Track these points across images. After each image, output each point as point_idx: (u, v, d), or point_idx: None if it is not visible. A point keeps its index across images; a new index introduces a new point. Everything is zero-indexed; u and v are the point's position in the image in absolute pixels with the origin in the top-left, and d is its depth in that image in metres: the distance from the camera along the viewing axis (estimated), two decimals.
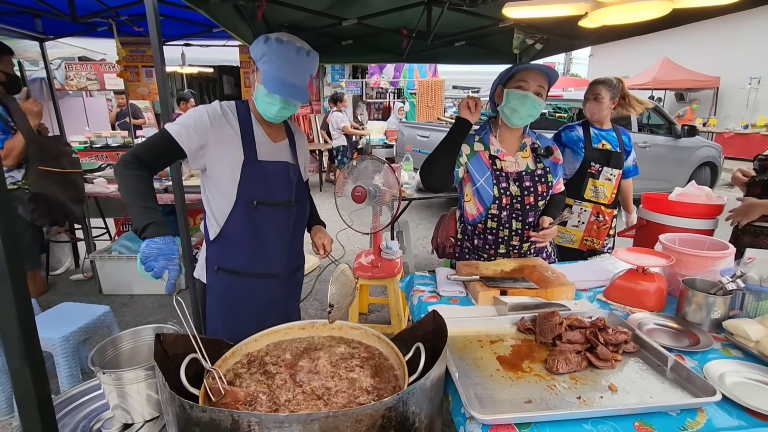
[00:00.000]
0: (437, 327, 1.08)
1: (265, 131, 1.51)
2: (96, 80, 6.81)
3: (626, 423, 0.91)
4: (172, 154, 1.37)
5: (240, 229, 1.48)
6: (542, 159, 1.83)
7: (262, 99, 1.41)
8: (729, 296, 1.30)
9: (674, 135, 6.41)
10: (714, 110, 13.85)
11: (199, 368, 0.97)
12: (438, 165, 1.76)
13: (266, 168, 1.47)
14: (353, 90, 10.92)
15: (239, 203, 1.45)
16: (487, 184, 1.76)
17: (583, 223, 2.62)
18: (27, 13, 3.74)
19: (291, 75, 1.34)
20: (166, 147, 1.35)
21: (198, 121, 1.37)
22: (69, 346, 2.12)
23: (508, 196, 1.75)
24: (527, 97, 1.66)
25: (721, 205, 2.49)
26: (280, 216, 1.54)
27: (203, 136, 1.37)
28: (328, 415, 0.77)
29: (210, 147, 1.40)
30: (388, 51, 4.07)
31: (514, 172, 1.77)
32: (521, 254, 1.86)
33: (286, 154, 1.56)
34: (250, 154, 1.44)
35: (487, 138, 1.82)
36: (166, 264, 1.13)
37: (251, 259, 1.52)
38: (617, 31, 2.78)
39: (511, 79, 1.72)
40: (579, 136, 2.59)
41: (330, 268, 4.24)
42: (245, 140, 1.44)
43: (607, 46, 14.16)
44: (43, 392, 0.85)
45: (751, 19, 11.20)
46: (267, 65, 1.34)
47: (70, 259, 4.24)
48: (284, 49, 1.33)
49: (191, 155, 1.38)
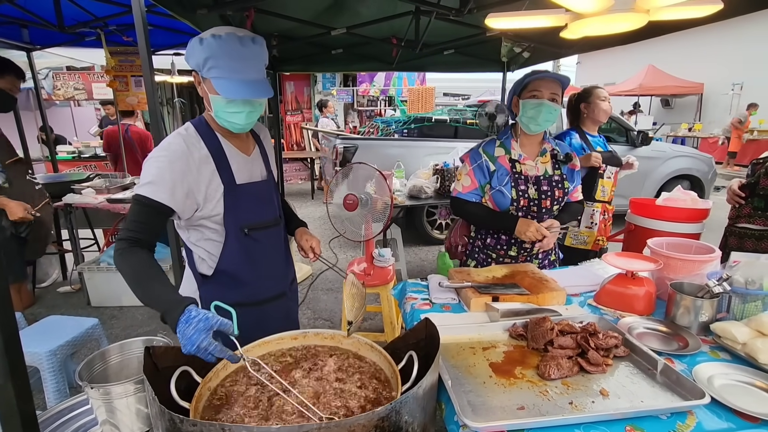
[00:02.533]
0: (430, 335, 1.08)
1: (235, 146, 1.34)
2: (84, 90, 6.75)
3: (618, 427, 0.91)
4: (160, 217, 1.19)
5: (237, 261, 1.35)
6: (561, 165, 1.88)
7: (222, 111, 1.22)
8: (716, 299, 1.32)
9: (630, 143, 5.44)
10: (699, 116, 14.15)
11: (189, 381, 0.96)
12: (471, 220, 2.00)
13: (247, 191, 1.33)
14: (344, 98, 10.96)
15: (230, 235, 1.32)
16: (506, 188, 1.81)
17: (595, 223, 2.72)
18: (14, 23, 3.71)
19: (246, 71, 1.17)
20: (150, 213, 1.17)
21: (169, 168, 1.17)
22: (56, 360, 2.08)
23: (526, 198, 1.80)
24: (542, 104, 1.72)
25: (707, 209, 2.53)
26: (272, 235, 1.45)
27: (183, 182, 1.19)
28: (320, 427, 0.76)
29: (195, 189, 1.22)
30: (378, 60, 4.11)
31: (533, 176, 1.82)
32: (529, 256, 1.91)
33: (260, 166, 1.42)
34: (228, 180, 1.28)
35: (509, 143, 1.87)
36: (206, 354, 0.96)
37: (255, 287, 1.41)
38: (600, 41, 2.85)
39: (524, 90, 1.78)
40: (579, 142, 2.65)
41: (323, 276, 4.22)
42: (220, 166, 1.27)
43: (594, 54, 14.44)
44: (28, 408, 0.83)
45: (733, 26, 11.48)
46: (215, 70, 1.15)
47: (58, 271, 4.17)
48: (227, 45, 1.14)
49: (180, 208, 1.21)
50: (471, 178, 1.88)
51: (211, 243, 1.33)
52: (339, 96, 10.74)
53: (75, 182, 3.76)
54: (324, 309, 3.60)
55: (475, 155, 1.89)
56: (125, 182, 3.96)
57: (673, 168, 5.87)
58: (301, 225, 1.62)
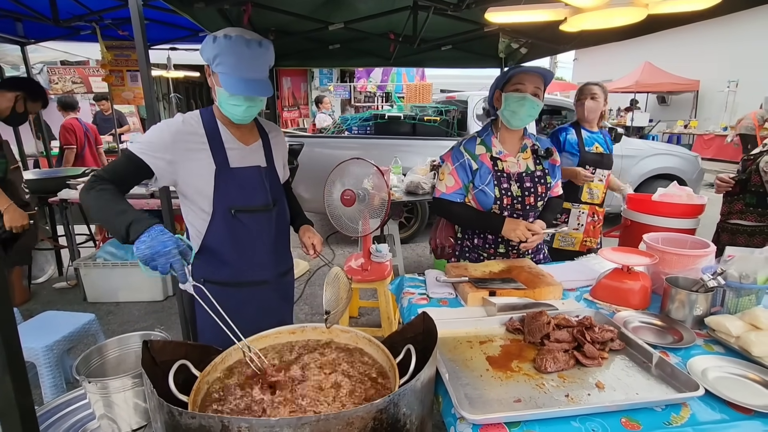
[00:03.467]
0: (427, 329, 1.09)
1: (234, 135, 1.46)
2: (82, 83, 6.68)
3: (613, 419, 0.92)
4: (138, 173, 1.32)
5: (221, 239, 1.45)
6: (542, 160, 1.86)
7: (225, 102, 1.36)
8: (710, 293, 1.33)
9: None
10: (695, 113, 14.21)
11: (188, 375, 0.96)
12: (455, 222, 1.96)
13: (239, 174, 1.43)
14: (341, 94, 10.93)
15: (216, 214, 1.42)
16: (489, 187, 1.78)
17: (582, 225, 2.70)
18: (8, 16, 3.68)
19: (249, 71, 1.30)
20: (131, 166, 1.31)
21: (160, 136, 1.34)
22: (53, 355, 2.07)
23: (509, 196, 1.78)
24: (525, 98, 1.69)
25: (702, 204, 2.55)
26: (261, 221, 1.51)
27: (169, 151, 1.34)
28: (319, 419, 0.77)
29: (179, 162, 1.36)
30: (376, 55, 4.10)
31: (515, 173, 1.80)
32: (520, 254, 1.89)
33: (259, 157, 1.52)
34: (221, 161, 1.40)
35: (489, 139, 1.84)
36: (167, 259, 1.07)
37: (237, 268, 1.49)
38: (598, 36, 2.85)
39: (507, 83, 1.75)
40: (574, 138, 2.64)
41: (321, 272, 4.23)
42: (214, 148, 1.40)
43: (591, 50, 14.45)
44: (26, 402, 0.83)
45: (729, 23, 11.53)
46: (222, 66, 1.30)
47: (54, 267, 4.15)
48: (235, 45, 1.28)
49: (159, 171, 1.34)
50: (454, 178, 1.84)
51: (200, 221, 1.44)
52: (336, 92, 10.71)
53: (70, 177, 3.73)
54: (321, 305, 3.61)
55: (456, 154, 1.85)
56: None
57: (650, 167, 5.45)
58: (306, 223, 1.70)
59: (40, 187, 3.52)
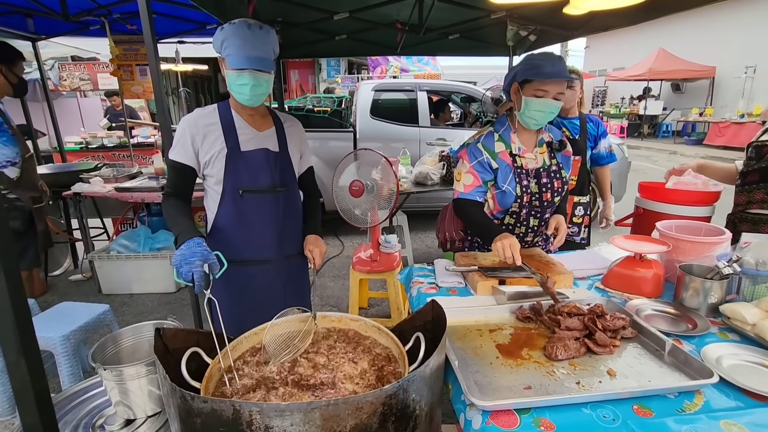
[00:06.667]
0: (436, 317, 1.09)
1: (247, 122, 1.55)
2: (89, 80, 6.74)
3: (625, 406, 0.91)
4: (184, 176, 1.50)
5: (228, 218, 1.55)
6: (556, 153, 1.81)
7: (233, 83, 1.45)
8: (725, 281, 1.31)
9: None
10: (710, 100, 13.87)
11: (200, 362, 0.97)
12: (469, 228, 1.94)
13: (249, 157, 1.53)
14: (349, 86, 10.88)
15: (226, 194, 1.53)
16: (511, 185, 1.73)
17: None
18: (19, 12, 3.72)
19: (252, 49, 1.40)
20: (176, 173, 1.50)
21: (182, 131, 1.48)
22: (69, 345, 2.12)
23: (529, 194, 1.73)
24: (547, 105, 1.62)
25: (718, 191, 2.50)
26: (267, 202, 1.58)
27: (192, 139, 1.48)
28: (329, 403, 0.77)
29: (200, 147, 1.49)
30: (383, 44, 4.07)
31: (533, 169, 1.75)
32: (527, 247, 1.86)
33: (272, 142, 1.59)
34: (233, 145, 1.50)
35: (508, 135, 1.77)
36: (190, 268, 1.21)
37: (241, 246, 1.57)
38: (607, 22, 2.78)
39: (528, 85, 1.64)
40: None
41: (330, 264, 4.25)
42: (227, 133, 1.51)
43: (602, 37, 14.14)
44: (41, 385, 0.85)
45: (745, 7, 11.21)
46: (228, 49, 1.40)
47: (69, 260, 4.23)
48: (237, 29, 1.40)
49: (197, 166, 1.50)
50: (473, 176, 1.75)
51: (213, 203, 1.57)
52: (344, 83, 10.66)
53: (83, 171, 3.78)
54: (331, 296, 3.63)
55: (474, 151, 1.76)
56: (132, 171, 3.98)
57: None
58: (312, 232, 1.67)
59: (54, 181, 3.57)
